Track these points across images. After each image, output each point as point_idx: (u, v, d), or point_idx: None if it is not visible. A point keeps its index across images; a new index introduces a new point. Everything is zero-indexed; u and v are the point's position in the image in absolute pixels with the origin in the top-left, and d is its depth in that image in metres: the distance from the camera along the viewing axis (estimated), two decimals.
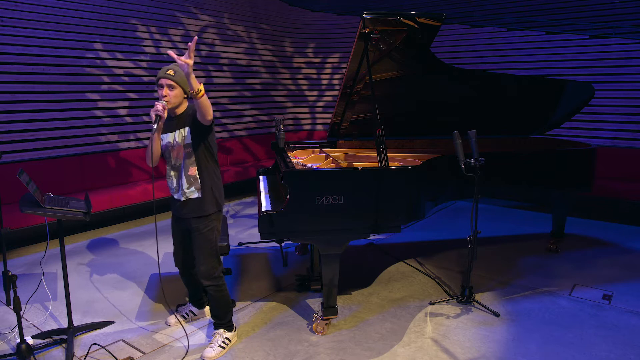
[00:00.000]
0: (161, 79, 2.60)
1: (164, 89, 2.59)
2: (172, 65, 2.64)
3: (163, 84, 2.59)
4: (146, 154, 2.67)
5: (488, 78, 4.07)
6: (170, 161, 2.74)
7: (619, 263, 4.12)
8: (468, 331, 2.99)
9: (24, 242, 4.62)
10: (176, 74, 2.60)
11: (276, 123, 3.77)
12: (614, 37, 5.93)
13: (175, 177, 2.73)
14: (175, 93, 2.61)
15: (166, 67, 2.65)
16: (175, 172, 2.73)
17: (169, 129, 2.70)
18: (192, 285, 3.08)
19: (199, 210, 2.71)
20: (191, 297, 3.15)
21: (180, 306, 3.24)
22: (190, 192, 2.70)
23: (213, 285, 2.74)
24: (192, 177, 2.70)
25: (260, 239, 2.98)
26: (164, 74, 2.60)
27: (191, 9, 6.70)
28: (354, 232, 2.89)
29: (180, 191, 2.72)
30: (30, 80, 4.96)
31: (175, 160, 2.72)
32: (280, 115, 4.02)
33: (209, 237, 2.73)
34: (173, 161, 2.72)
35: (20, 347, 2.59)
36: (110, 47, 5.65)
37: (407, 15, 3.06)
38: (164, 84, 2.59)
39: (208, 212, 2.72)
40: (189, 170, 2.69)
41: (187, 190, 2.70)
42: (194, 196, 2.71)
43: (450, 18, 7.23)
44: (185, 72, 2.35)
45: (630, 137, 5.73)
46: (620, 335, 2.92)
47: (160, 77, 2.61)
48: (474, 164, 3.06)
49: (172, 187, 2.76)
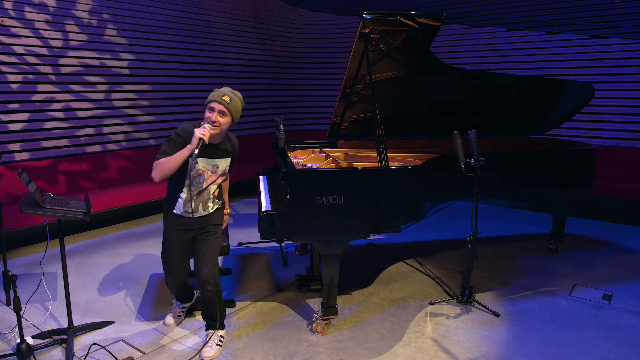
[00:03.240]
0: (215, 103, 2.48)
1: (214, 114, 2.47)
2: (227, 90, 2.54)
3: (215, 109, 2.47)
4: (162, 166, 2.48)
5: (488, 78, 4.07)
6: (195, 184, 2.64)
7: (618, 263, 4.12)
8: (468, 331, 2.99)
9: (24, 242, 4.62)
10: (231, 102, 2.51)
11: (276, 123, 3.77)
12: (614, 37, 5.93)
13: (195, 201, 2.66)
14: (226, 120, 2.53)
15: (220, 90, 2.52)
16: (197, 195, 2.66)
17: (205, 154, 2.59)
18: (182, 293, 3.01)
19: (218, 219, 2.84)
20: (178, 298, 3.09)
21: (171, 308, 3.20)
22: (214, 208, 2.80)
23: (215, 290, 2.70)
24: (216, 197, 2.80)
25: (260, 239, 2.98)
26: (220, 99, 2.47)
27: (191, 9, 6.69)
28: (354, 232, 2.89)
29: (202, 211, 2.72)
30: (31, 80, 4.96)
31: (199, 184, 2.66)
32: (280, 115, 4.02)
33: (219, 241, 2.84)
34: (200, 184, 2.66)
35: (20, 347, 2.59)
36: (110, 46, 5.65)
37: (407, 15, 3.06)
38: (216, 108, 2.47)
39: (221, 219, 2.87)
40: (216, 191, 2.77)
41: (212, 208, 2.78)
42: (215, 208, 2.81)
43: (450, 18, 7.23)
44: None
45: (630, 137, 5.73)
46: (620, 335, 2.92)
47: (214, 101, 2.48)
48: (474, 164, 3.06)
49: (191, 208, 2.65)
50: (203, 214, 2.74)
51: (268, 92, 7.90)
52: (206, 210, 2.75)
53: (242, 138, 7.62)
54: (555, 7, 6.79)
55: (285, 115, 8.09)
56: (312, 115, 8.34)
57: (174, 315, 3.10)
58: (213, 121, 2.47)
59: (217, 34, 7.05)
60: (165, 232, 2.78)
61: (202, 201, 2.71)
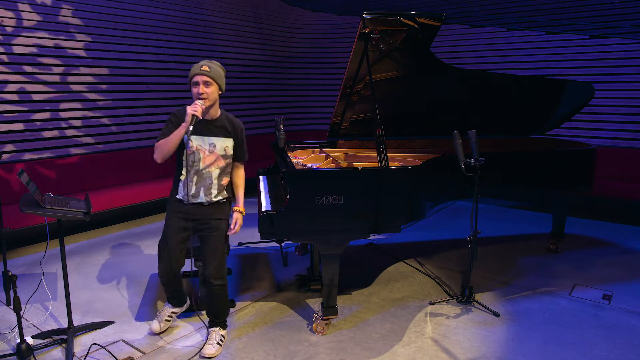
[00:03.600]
0: (196, 76, 2.49)
1: (199, 87, 2.48)
2: (205, 61, 2.55)
3: (199, 81, 2.48)
4: (161, 147, 2.51)
5: (488, 78, 4.07)
6: (194, 166, 2.61)
7: (618, 263, 4.12)
8: (468, 331, 2.99)
9: (24, 242, 4.62)
10: (212, 70, 2.51)
11: (276, 123, 3.77)
12: (614, 37, 5.93)
13: (198, 183, 2.63)
14: (212, 90, 2.53)
15: (198, 63, 2.52)
16: (199, 177, 2.63)
17: (199, 131, 2.58)
18: (173, 286, 2.86)
19: (223, 213, 2.77)
20: (170, 298, 2.95)
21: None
22: (217, 198, 2.72)
23: (222, 285, 2.73)
24: (222, 186, 2.73)
25: (260, 239, 2.98)
26: (199, 70, 2.48)
27: (191, 9, 6.69)
28: (354, 232, 2.89)
29: (204, 197, 2.66)
30: (31, 80, 4.96)
31: (201, 166, 2.62)
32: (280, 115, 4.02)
33: (225, 237, 2.80)
34: (199, 166, 2.62)
35: (20, 347, 2.59)
36: (110, 47, 5.65)
37: (407, 15, 3.06)
38: (199, 81, 2.48)
39: (229, 213, 2.79)
40: (222, 180, 2.71)
41: (215, 198, 2.70)
42: (218, 199, 2.73)
43: (450, 18, 7.23)
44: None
45: (630, 137, 5.73)
46: (620, 335, 2.92)
47: (195, 74, 2.50)
48: (474, 164, 3.06)
49: (190, 192, 2.64)
50: (204, 202, 2.67)
51: (268, 92, 7.90)
52: (208, 197, 2.67)
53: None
54: (555, 7, 6.78)
55: (285, 115, 8.08)
56: (312, 115, 8.34)
57: (160, 320, 2.94)
58: (200, 93, 2.48)
59: (217, 34, 7.05)
60: (167, 217, 2.76)
61: (203, 185, 2.65)
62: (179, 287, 2.92)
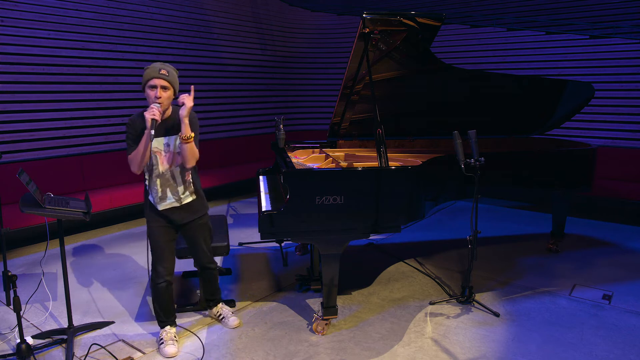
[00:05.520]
0: (154, 79, 2.45)
1: (157, 90, 2.45)
2: (162, 64, 2.50)
3: (156, 85, 2.45)
4: (133, 159, 2.50)
5: (488, 78, 4.07)
6: (158, 168, 2.60)
7: (619, 263, 4.12)
8: (468, 331, 2.99)
9: (24, 242, 4.62)
10: (169, 74, 2.49)
11: (276, 123, 3.77)
12: (614, 37, 5.93)
13: (163, 185, 2.63)
14: (169, 94, 2.51)
15: (155, 65, 2.47)
16: (162, 179, 2.63)
17: (157, 134, 2.56)
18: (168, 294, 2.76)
19: (201, 210, 2.85)
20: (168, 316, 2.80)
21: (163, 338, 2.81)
22: (186, 196, 2.74)
23: (214, 267, 2.99)
24: (188, 182, 2.73)
25: (260, 239, 2.98)
26: (158, 73, 2.44)
27: (191, 9, 6.70)
28: (354, 232, 2.89)
29: (172, 197, 2.68)
30: (30, 80, 4.96)
31: (162, 167, 2.61)
32: (280, 115, 4.02)
33: (210, 227, 2.94)
34: (161, 168, 2.61)
35: (20, 347, 2.59)
36: (110, 47, 5.65)
37: (407, 15, 3.06)
38: (157, 84, 2.45)
39: (206, 208, 2.89)
40: (185, 175, 2.71)
41: (183, 195, 2.72)
42: (189, 200, 2.75)
43: (450, 18, 7.24)
44: (182, 115, 2.45)
45: (630, 137, 5.73)
46: (620, 335, 2.92)
47: (153, 77, 2.45)
48: (474, 164, 3.06)
49: (158, 195, 2.63)
50: (177, 205, 2.68)
51: (268, 92, 7.90)
52: (176, 196, 2.67)
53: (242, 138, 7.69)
54: (555, 7, 6.79)
55: (285, 115, 8.09)
56: (312, 115, 8.34)
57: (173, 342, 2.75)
58: (158, 97, 2.45)
59: (217, 34, 7.06)
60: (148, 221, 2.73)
61: (169, 187, 2.65)
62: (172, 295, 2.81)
